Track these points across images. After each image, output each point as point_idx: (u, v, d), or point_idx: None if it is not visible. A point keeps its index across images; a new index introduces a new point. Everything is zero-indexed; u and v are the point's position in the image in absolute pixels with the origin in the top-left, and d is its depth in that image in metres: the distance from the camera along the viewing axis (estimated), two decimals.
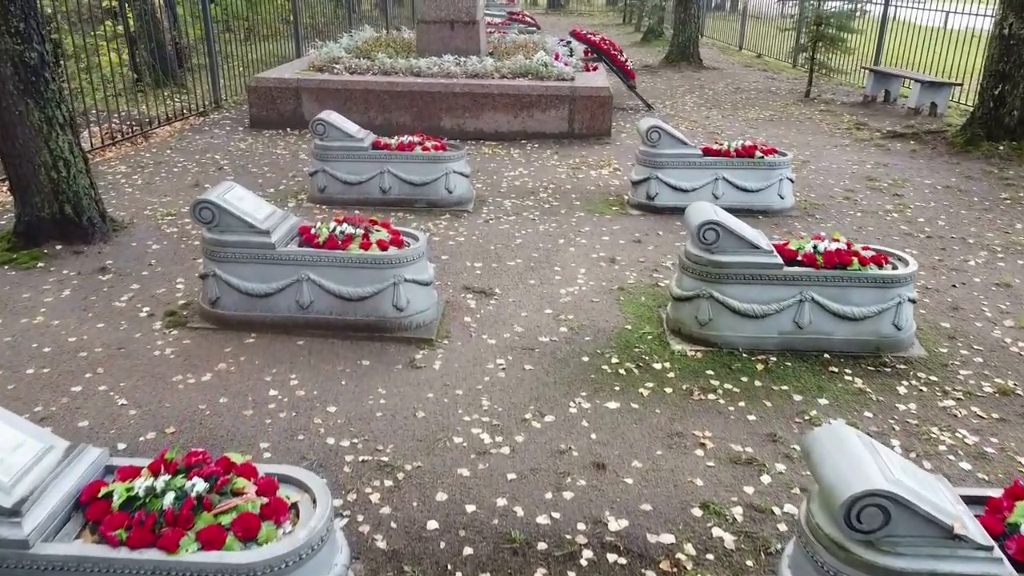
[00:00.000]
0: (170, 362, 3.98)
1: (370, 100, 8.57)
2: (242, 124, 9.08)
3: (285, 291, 4.24)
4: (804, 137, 9.16)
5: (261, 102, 8.76)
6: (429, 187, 6.30)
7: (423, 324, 4.33)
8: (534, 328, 4.42)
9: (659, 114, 10.40)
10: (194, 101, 9.77)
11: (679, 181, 6.26)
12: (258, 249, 4.18)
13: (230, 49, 11.52)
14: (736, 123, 9.91)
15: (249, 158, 7.75)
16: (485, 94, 8.50)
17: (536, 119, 8.56)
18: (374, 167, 6.25)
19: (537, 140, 8.60)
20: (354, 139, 6.22)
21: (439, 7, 9.63)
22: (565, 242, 5.70)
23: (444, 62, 9.01)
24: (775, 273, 4.08)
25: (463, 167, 6.39)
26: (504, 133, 8.62)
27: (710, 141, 8.81)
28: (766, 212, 6.33)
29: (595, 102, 8.50)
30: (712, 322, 4.18)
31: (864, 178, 7.46)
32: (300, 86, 8.64)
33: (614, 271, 5.21)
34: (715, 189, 6.26)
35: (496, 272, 5.15)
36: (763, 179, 6.27)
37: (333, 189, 6.33)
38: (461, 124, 8.62)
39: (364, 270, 4.18)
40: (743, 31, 19.01)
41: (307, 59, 9.80)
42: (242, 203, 4.28)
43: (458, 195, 6.37)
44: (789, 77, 14.05)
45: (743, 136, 8.98)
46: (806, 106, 11.11)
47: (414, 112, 8.58)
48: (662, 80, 13.55)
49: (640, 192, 6.39)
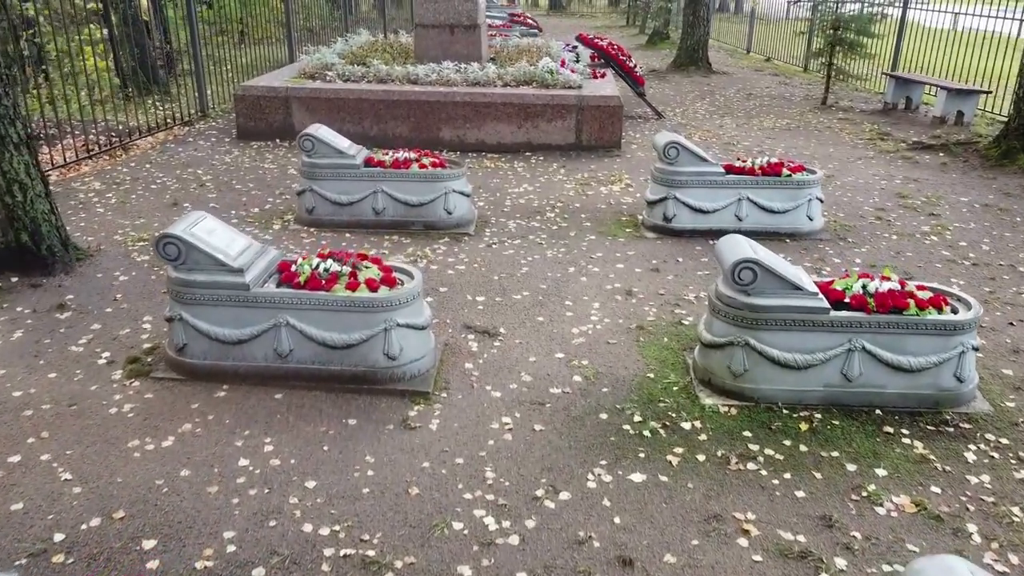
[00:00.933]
0: (127, 423, 3.46)
1: (364, 110, 8.06)
2: (229, 135, 8.57)
3: (261, 338, 3.73)
4: (825, 148, 8.64)
5: (248, 112, 8.24)
6: (426, 208, 5.78)
7: (418, 374, 3.81)
8: (544, 377, 3.90)
9: (670, 123, 9.88)
10: (180, 110, 9.25)
11: (699, 202, 5.74)
12: (230, 290, 3.66)
13: (222, 54, 11.03)
14: (752, 133, 9.39)
15: (234, 173, 7.23)
16: (487, 103, 7.99)
17: (541, 130, 8.04)
18: (367, 186, 5.74)
19: (543, 152, 8.09)
20: (345, 156, 5.71)
21: (438, 11, 9.11)
22: (576, 270, 5.19)
23: (443, 69, 8.49)
24: (821, 319, 3.57)
25: (463, 186, 5.87)
26: (507, 145, 8.11)
27: (726, 152, 8.35)
28: (794, 235, 5.81)
29: (604, 112, 7.98)
30: (748, 373, 3.67)
31: (895, 195, 6.94)
32: (290, 95, 8.13)
33: (631, 306, 4.70)
34: (738, 210, 5.75)
35: (500, 307, 4.64)
36: (790, 199, 5.75)
37: (322, 210, 5.81)
38: (461, 135, 8.10)
39: (351, 314, 3.66)
40: (751, 34, 18.50)
41: (298, 65, 9.29)
42: (212, 237, 3.76)
43: (458, 216, 5.86)
44: (802, 82, 13.53)
45: (761, 147, 8.47)
46: (824, 114, 10.59)
47: (411, 123, 8.07)
48: (671, 86, 13.04)
49: (656, 213, 5.87)
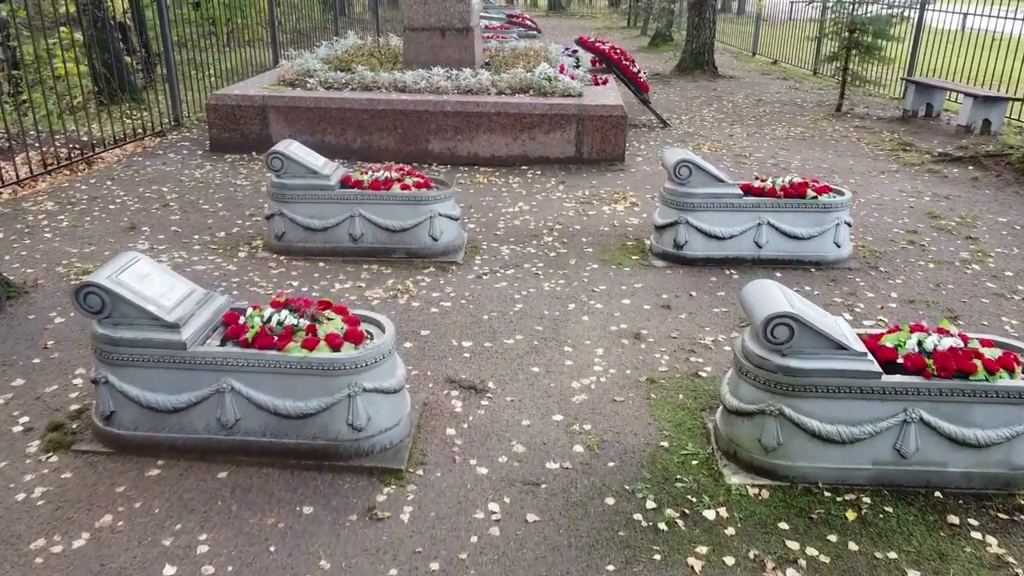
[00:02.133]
0: (35, 513, 2.86)
1: (347, 120, 7.46)
2: (203, 147, 7.96)
3: (202, 405, 3.13)
4: (844, 160, 8.04)
5: (222, 122, 7.64)
6: (409, 234, 5.18)
7: (390, 446, 3.21)
8: (539, 446, 3.30)
9: (676, 131, 9.28)
10: (153, 119, 8.63)
11: (714, 227, 5.14)
12: (164, 349, 3.06)
13: (205, 57, 10.41)
14: (764, 143, 8.79)
15: (203, 191, 6.63)
16: (480, 113, 7.39)
17: (539, 142, 7.44)
18: (343, 210, 5.14)
19: (540, 166, 7.49)
20: (318, 176, 5.11)
21: (428, 12, 8.51)
22: (576, 307, 4.59)
23: (433, 75, 7.89)
24: (870, 384, 2.97)
25: (451, 208, 5.27)
26: (502, 158, 7.51)
27: (738, 166, 7.75)
28: (819, 264, 5.21)
29: (607, 122, 7.38)
30: (782, 448, 3.07)
31: (925, 214, 6.34)
32: (267, 104, 7.53)
33: (640, 352, 4.09)
34: (757, 236, 5.15)
35: (490, 355, 4.04)
36: (816, 224, 5.16)
37: (293, 236, 5.21)
38: (452, 147, 7.50)
39: (308, 377, 3.06)
40: (757, 36, 17.90)
41: (277, 71, 8.68)
42: (145, 284, 3.16)
43: (445, 243, 5.26)
44: (813, 87, 12.93)
45: (775, 160, 7.87)
46: (839, 122, 9.99)
47: (398, 134, 7.47)
48: (675, 91, 12.43)
49: (666, 239, 5.27)
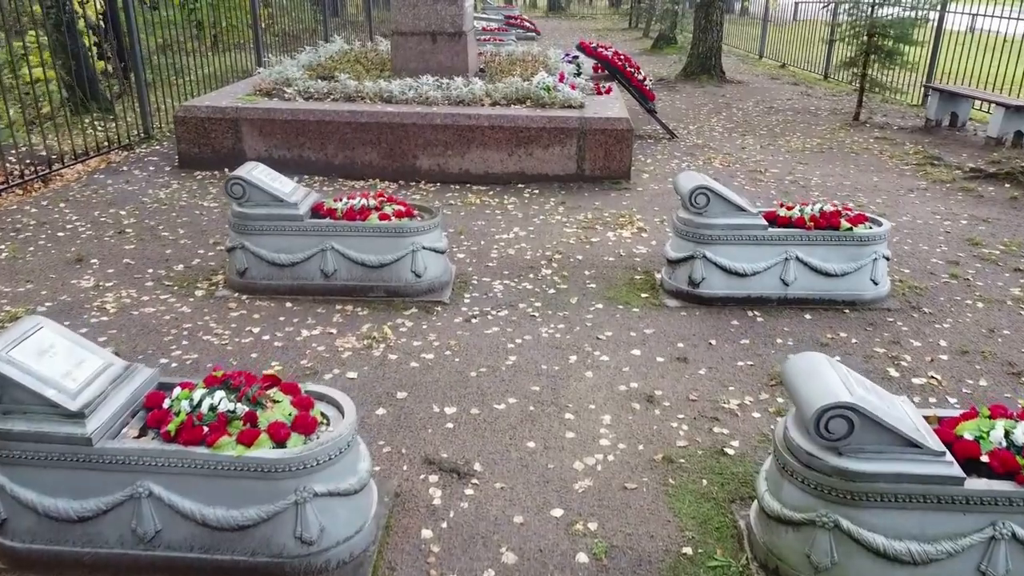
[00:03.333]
0: None
1: (328, 134, 6.84)
2: (172, 162, 7.34)
3: (114, 513, 2.51)
4: (867, 177, 7.43)
5: (192, 136, 7.02)
6: (389, 270, 4.57)
7: (349, 560, 2.59)
8: (534, 555, 2.69)
9: (684, 143, 8.66)
10: (120, 131, 8.00)
11: (735, 262, 4.53)
12: (65, 445, 2.45)
13: (187, 61, 9.80)
14: (779, 156, 8.17)
15: (165, 214, 6.00)
16: (473, 126, 6.77)
17: (537, 158, 6.83)
18: (313, 243, 4.52)
19: (538, 184, 6.87)
20: (285, 204, 4.49)
21: (417, 16, 7.90)
22: (579, 360, 3.97)
23: (422, 85, 7.28)
24: (950, 492, 2.36)
25: (436, 240, 4.66)
26: (496, 175, 6.89)
27: (753, 182, 7.12)
28: (854, 304, 4.60)
29: (611, 136, 6.76)
30: (838, 568, 2.46)
31: (964, 241, 5.73)
32: (239, 116, 6.91)
33: (653, 420, 3.48)
34: (784, 273, 4.54)
35: (477, 425, 3.42)
36: (851, 259, 4.54)
37: (258, 272, 4.59)
38: (442, 164, 6.89)
39: (245, 480, 2.45)
40: (764, 38, 17.29)
41: (254, 80, 8.06)
42: (44, 362, 2.54)
43: (429, 279, 4.64)
44: (826, 93, 12.31)
45: (792, 175, 7.26)
46: (857, 132, 9.37)
47: (383, 149, 6.85)
48: (681, 97, 11.82)
49: (680, 275, 4.66)
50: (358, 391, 3.64)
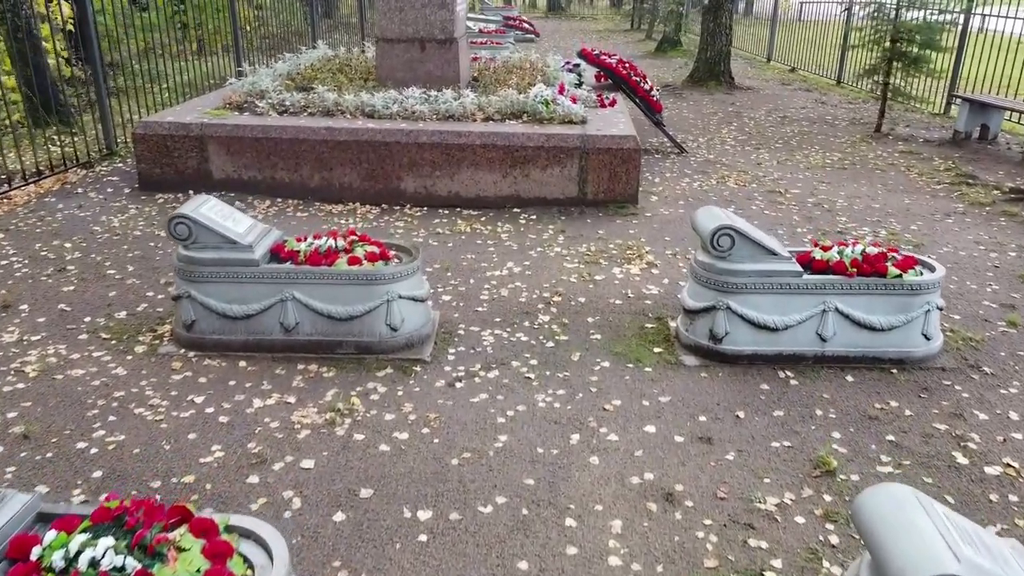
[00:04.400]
0: None
1: (303, 153, 6.19)
2: (132, 183, 6.67)
3: None
4: (897, 198, 6.77)
5: (152, 156, 6.36)
6: (360, 323, 3.91)
7: None
8: None
9: (694, 158, 8.01)
10: (77, 147, 7.33)
11: (764, 314, 3.87)
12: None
13: (165, 68, 9.15)
14: (798, 173, 7.52)
15: (115, 247, 5.35)
16: (463, 145, 6.11)
17: (534, 180, 6.17)
18: (271, 291, 3.86)
19: (535, 209, 6.22)
20: (238, 247, 3.83)
21: (404, 21, 7.24)
22: (582, 440, 3.32)
23: (407, 98, 6.62)
24: None
25: (415, 287, 4.00)
26: (489, 199, 6.24)
27: (773, 206, 6.41)
28: (903, 362, 3.95)
29: (616, 157, 6.10)
30: None
31: (1017, 278, 5.07)
32: (204, 133, 6.25)
33: (674, 527, 2.83)
34: (821, 326, 3.88)
35: (457, 537, 2.77)
36: (899, 310, 3.89)
37: (207, 325, 3.93)
38: (429, 186, 6.23)
39: None
40: (772, 40, 16.62)
41: (224, 92, 7.40)
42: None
43: (408, 333, 3.99)
44: (841, 101, 11.65)
45: (815, 196, 6.60)
46: (880, 145, 8.71)
47: (364, 169, 6.20)
48: (688, 105, 11.15)
49: (699, 327, 4.01)
50: (314, 487, 2.99)
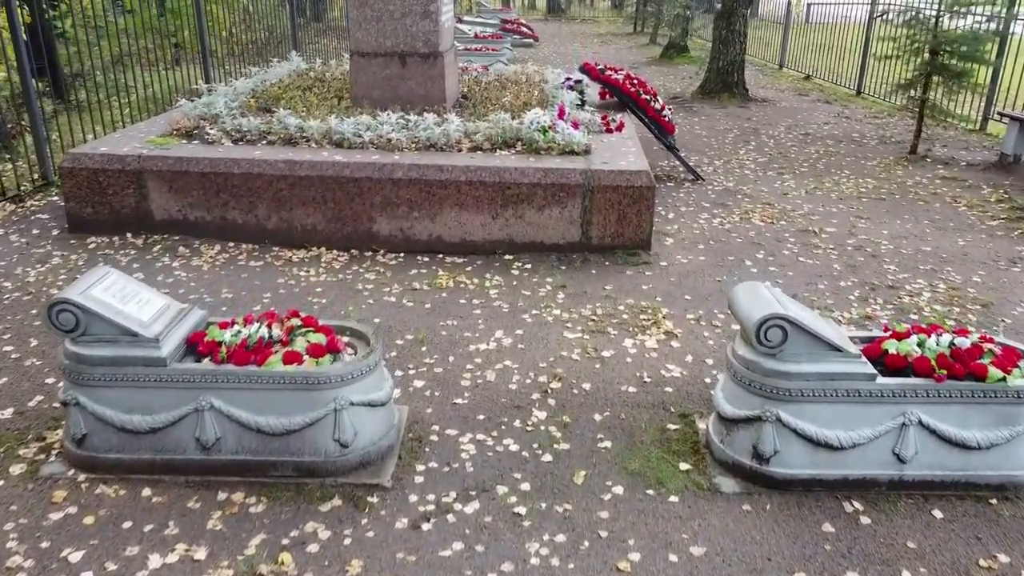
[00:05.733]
0: None
1: (259, 190, 5.29)
2: (64, 223, 5.76)
3: None
4: (949, 238, 5.86)
5: (83, 193, 5.45)
6: (300, 438, 3.01)
7: None
8: None
9: (713, 187, 7.10)
10: (23, 175, 6.41)
11: (826, 428, 2.97)
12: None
13: (134, 77, 8.25)
14: (830, 204, 6.61)
15: (20, 311, 4.43)
16: (446, 181, 5.21)
17: (529, 222, 5.27)
18: (184, 398, 2.96)
19: (530, 256, 5.31)
20: (140, 340, 2.93)
21: (382, 32, 6.34)
22: None
23: (382, 124, 5.71)
24: None
25: (374, 388, 3.10)
26: (476, 244, 5.33)
27: (806, 248, 5.43)
28: (1004, 489, 3.05)
29: (625, 196, 5.20)
30: None
31: None
32: (144, 167, 5.34)
33: None
34: (900, 444, 2.98)
35: None
36: (1000, 422, 2.99)
37: (103, 441, 3.03)
38: (406, 228, 5.33)
39: None
40: (785, 46, 15.71)
41: (172, 115, 6.48)
42: None
43: (362, 448, 3.09)
44: (865, 114, 10.74)
45: (854, 235, 5.69)
46: (918, 169, 7.80)
47: (330, 209, 5.29)
48: (700, 120, 10.24)
49: (739, 441, 3.11)
50: None
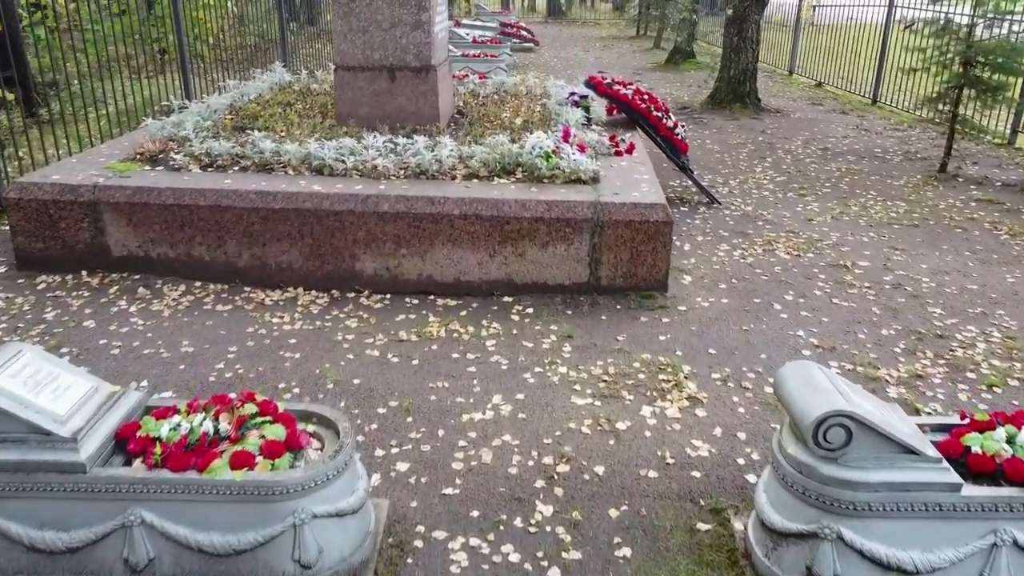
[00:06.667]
0: None
1: (227, 224, 4.73)
2: (12, 260, 5.19)
3: None
4: (996, 273, 5.29)
5: (32, 227, 4.89)
6: (252, 559, 2.45)
7: None
8: None
9: (731, 212, 6.53)
10: None
11: (898, 549, 2.41)
12: None
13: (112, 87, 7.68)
14: (859, 232, 6.05)
15: None
16: (438, 215, 4.65)
17: (530, 260, 4.71)
18: (109, 511, 2.40)
19: (532, 298, 4.75)
20: (53, 440, 2.37)
21: (369, 44, 5.79)
22: None
23: (367, 147, 5.15)
24: None
25: (341, 495, 2.54)
26: (472, 284, 4.77)
27: (838, 286, 4.83)
28: None
29: (640, 232, 4.63)
30: None
31: None
32: (100, 198, 4.78)
33: None
34: (988, 568, 2.42)
35: None
36: None
37: (9, 562, 2.46)
38: (393, 267, 4.76)
39: None
40: (795, 51, 15.15)
41: (136, 137, 5.90)
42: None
43: (328, 569, 2.52)
44: (885, 125, 10.18)
45: (889, 271, 5.13)
46: (949, 189, 7.24)
47: (307, 245, 4.73)
48: (712, 133, 9.68)
49: (789, 558, 2.54)
50: None
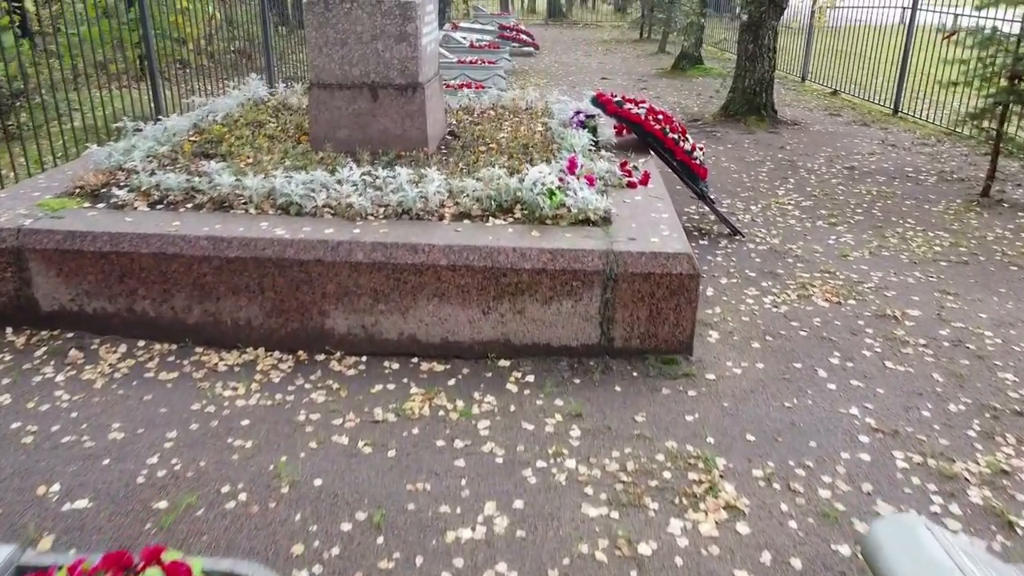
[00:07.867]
0: None
1: (175, 274, 4.02)
2: None
3: None
4: None
5: None
6: None
7: None
8: None
9: (756, 246, 5.82)
10: None
11: None
12: None
13: (86, 97, 7.01)
14: (902, 272, 5.33)
15: None
16: (422, 265, 3.94)
17: (531, 318, 3.99)
18: None
19: (532, 363, 4.04)
20: None
21: (348, 59, 5.09)
22: None
23: (342, 182, 4.44)
24: None
25: None
26: (462, 345, 4.06)
27: (891, 345, 3.97)
28: None
29: (660, 286, 3.92)
30: None
31: None
32: (24, 244, 4.08)
33: None
34: None
35: None
36: None
37: None
38: (370, 325, 4.05)
39: None
40: (808, 57, 14.44)
41: (77, 168, 5.17)
42: None
43: None
44: (912, 140, 9.46)
45: (946, 326, 4.41)
46: (994, 216, 6.53)
47: (269, 301, 4.03)
48: (727, 149, 8.96)
49: None
50: None
